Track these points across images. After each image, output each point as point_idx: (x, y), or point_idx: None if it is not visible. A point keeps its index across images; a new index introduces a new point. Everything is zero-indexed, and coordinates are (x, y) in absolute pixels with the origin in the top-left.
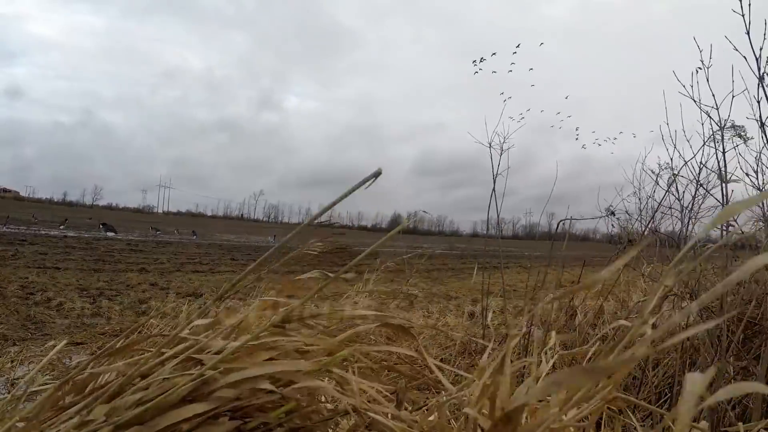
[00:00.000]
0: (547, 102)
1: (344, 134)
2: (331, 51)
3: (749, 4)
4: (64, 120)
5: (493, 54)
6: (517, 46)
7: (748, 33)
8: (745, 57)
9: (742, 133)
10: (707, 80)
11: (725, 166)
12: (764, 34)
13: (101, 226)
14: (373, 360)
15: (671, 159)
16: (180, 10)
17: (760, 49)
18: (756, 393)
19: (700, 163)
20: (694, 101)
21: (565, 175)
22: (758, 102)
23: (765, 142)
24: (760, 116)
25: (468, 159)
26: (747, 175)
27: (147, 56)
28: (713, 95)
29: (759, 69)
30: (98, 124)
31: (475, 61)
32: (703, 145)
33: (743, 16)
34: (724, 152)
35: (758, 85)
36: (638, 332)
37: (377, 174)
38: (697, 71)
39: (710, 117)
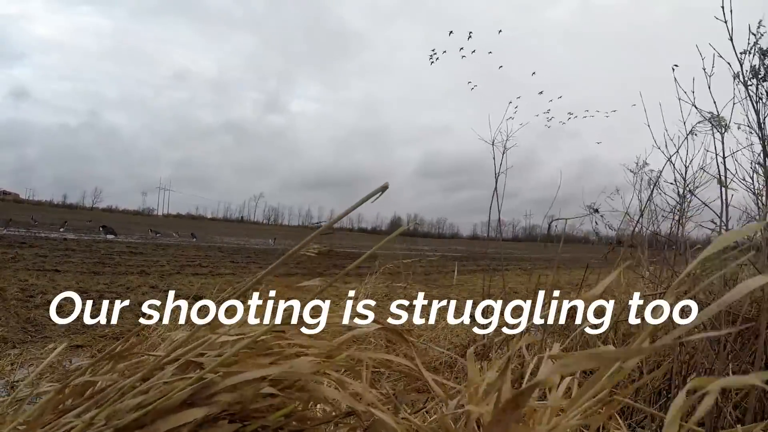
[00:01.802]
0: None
1: (349, 136)
2: (337, 53)
3: (731, 11)
4: (67, 121)
5: (450, 32)
6: (470, 34)
7: (731, 39)
8: (729, 63)
9: (723, 122)
10: (709, 87)
11: (725, 170)
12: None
13: (101, 229)
14: (372, 363)
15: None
16: (187, 11)
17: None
18: (752, 393)
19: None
20: (695, 107)
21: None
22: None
23: (762, 148)
24: (759, 121)
25: (470, 161)
26: (742, 179)
27: (153, 58)
28: (714, 101)
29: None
30: (102, 125)
31: (430, 54)
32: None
33: (725, 22)
34: (724, 157)
35: (756, 86)
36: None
37: (384, 188)
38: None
39: (712, 123)
